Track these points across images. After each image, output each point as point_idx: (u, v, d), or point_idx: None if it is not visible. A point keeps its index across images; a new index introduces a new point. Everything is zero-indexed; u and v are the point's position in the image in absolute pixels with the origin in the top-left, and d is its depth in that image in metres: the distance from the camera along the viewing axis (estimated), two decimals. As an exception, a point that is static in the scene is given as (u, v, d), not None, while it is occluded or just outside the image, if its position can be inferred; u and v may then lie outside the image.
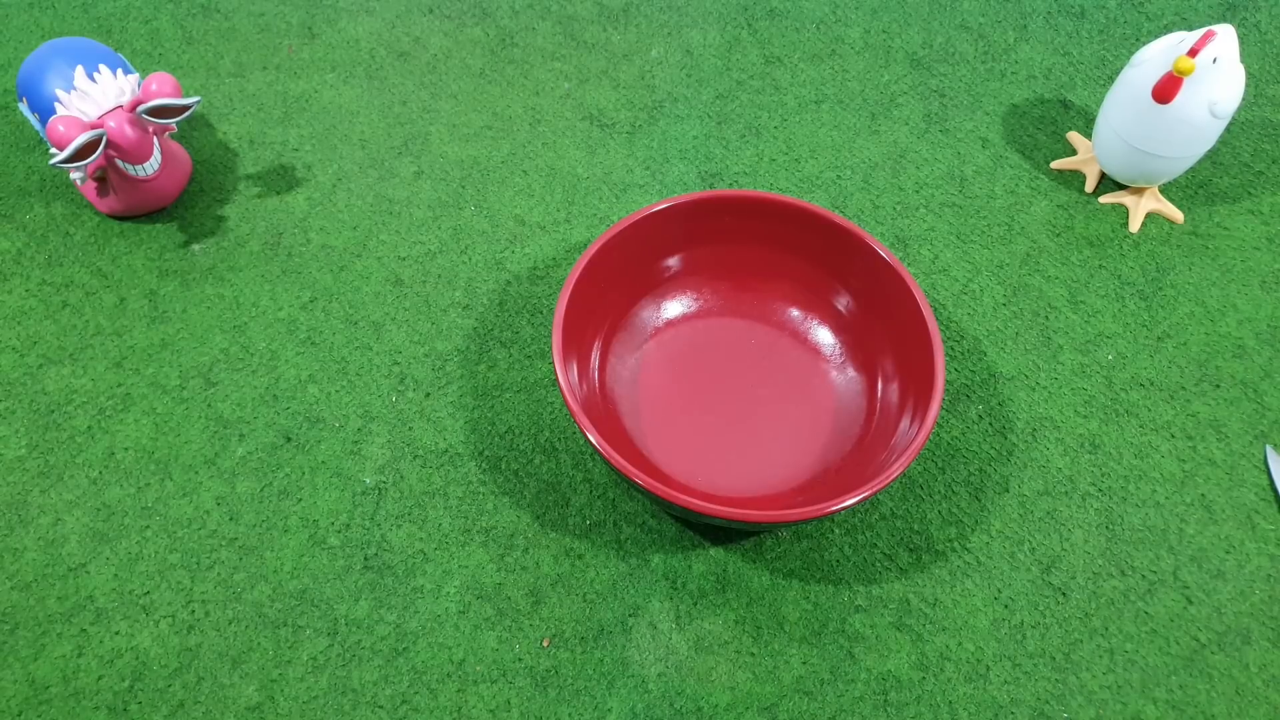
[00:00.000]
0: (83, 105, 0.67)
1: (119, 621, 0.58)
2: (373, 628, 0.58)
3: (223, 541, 0.61)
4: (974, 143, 0.83)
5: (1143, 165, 0.74)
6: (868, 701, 0.56)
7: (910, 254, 0.75)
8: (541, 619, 0.59)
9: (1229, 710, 0.57)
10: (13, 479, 0.63)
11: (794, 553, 0.61)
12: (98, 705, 0.55)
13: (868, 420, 0.64)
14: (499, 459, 0.65)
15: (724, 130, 0.83)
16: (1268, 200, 0.79)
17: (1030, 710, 0.56)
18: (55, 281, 0.72)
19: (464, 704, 0.56)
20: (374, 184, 0.78)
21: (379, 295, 0.72)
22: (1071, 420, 0.67)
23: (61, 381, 0.67)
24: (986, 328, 0.72)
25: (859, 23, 0.91)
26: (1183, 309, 0.73)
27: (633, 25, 0.90)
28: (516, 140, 0.82)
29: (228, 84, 0.84)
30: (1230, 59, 0.68)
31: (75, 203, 0.76)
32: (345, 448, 0.65)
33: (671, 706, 0.56)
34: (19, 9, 0.88)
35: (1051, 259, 0.75)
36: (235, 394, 0.67)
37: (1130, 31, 0.90)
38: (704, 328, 0.69)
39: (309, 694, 0.56)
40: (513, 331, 0.71)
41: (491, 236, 0.76)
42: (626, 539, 0.62)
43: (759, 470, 0.63)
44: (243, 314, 0.71)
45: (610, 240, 0.64)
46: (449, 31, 0.89)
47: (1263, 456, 0.66)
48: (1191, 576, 0.61)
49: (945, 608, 0.60)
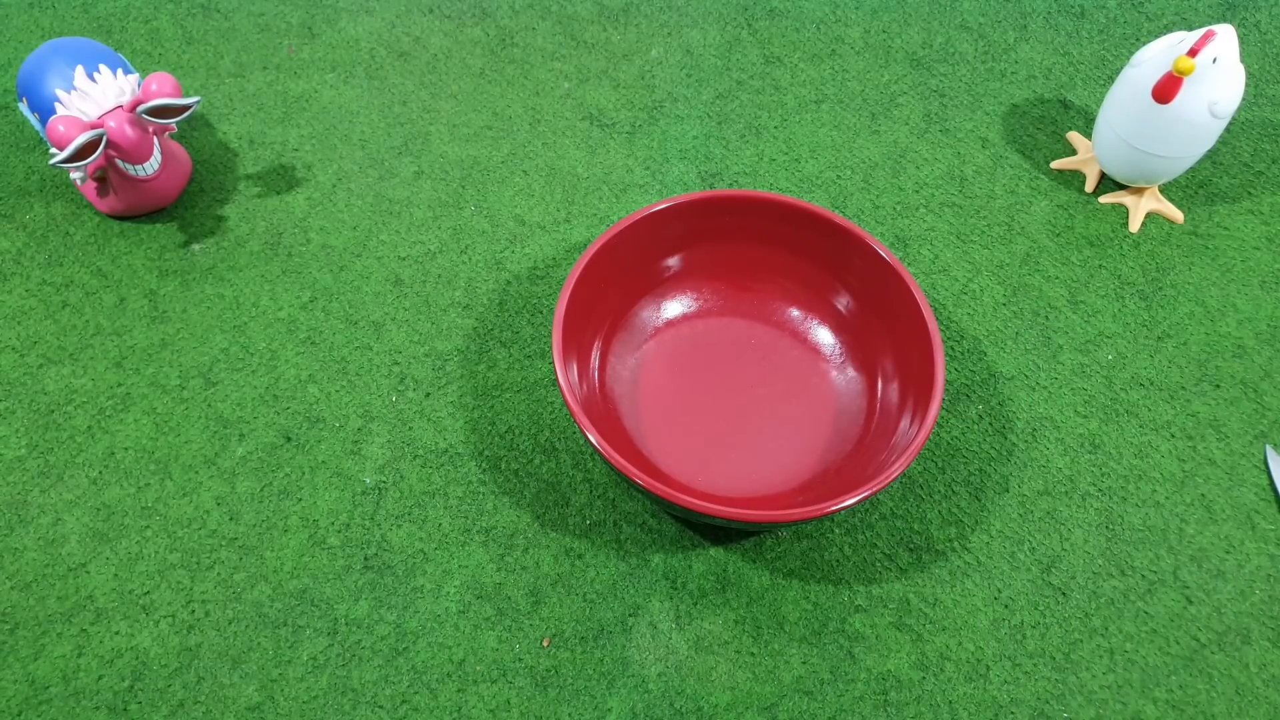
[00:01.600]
0: (83, 105, 0.67)
1: (119, 621, 0.58)
2: (373, 627, 0.58)
3: (223, 541, 0.61)
4: (974, 143, 0.83)
5: (1143, 165, 0.74)
6: (868, 701, 0.56)
7: (910, 254, 0.75)
8: (541, 619, 0.59)
9: (1229, 710, 0.57)
10: (13, 479, 0.63)
11: (794, 553, 0.61)
12: (98, 705, 0.55)
13: (868, 420, 0.64)
14: (499, 459, 0.65)
15: (724, 130, 0.83)
16: (1268, 200, 0.79)
17: (1030, 710, 0.56)
18: (55, 281, 0.72)
19: (464, 704, 0.56)
20: (374, 184, 0.78)
21: (379, 295, 0.72)
22: (1071, 420, 0.67)
23: (61, 381, 0.67)
24: (986, 328, 0.72)
25: (859, 23, 0.91)
26: (1183, 309, 0.73)
27: (633, 25, 0.90)
28: (516, 140, 0.82)
29: (228, 84, 0.84)
30: (1230, 59, 0.68)
31: (75, 203, 0.76)
32: (345, 448, 0.65)
33: (671, 706, 0.56)
34: (19, 9, 0.88)
35: (1051, 259, 0.75)
36: (235, 394, 0.67)
37: (1130, 31, 0.90)
38: (704, 328, 0.69)
39: (309, 694, 0.56)
40: (513, 331, 0.71)
41: (491, 236, 0.76)
42: (626, 539, 0.62)
43: (759, 470, 0.63)
44: (243, 314, 0.71)
45: (610, 240, 0.64)
46: (449, 31, 0.89)
47: (1263, 456, 0.66)
48: (1191, 576, 0.61)
49: (945, 608, 0.60)
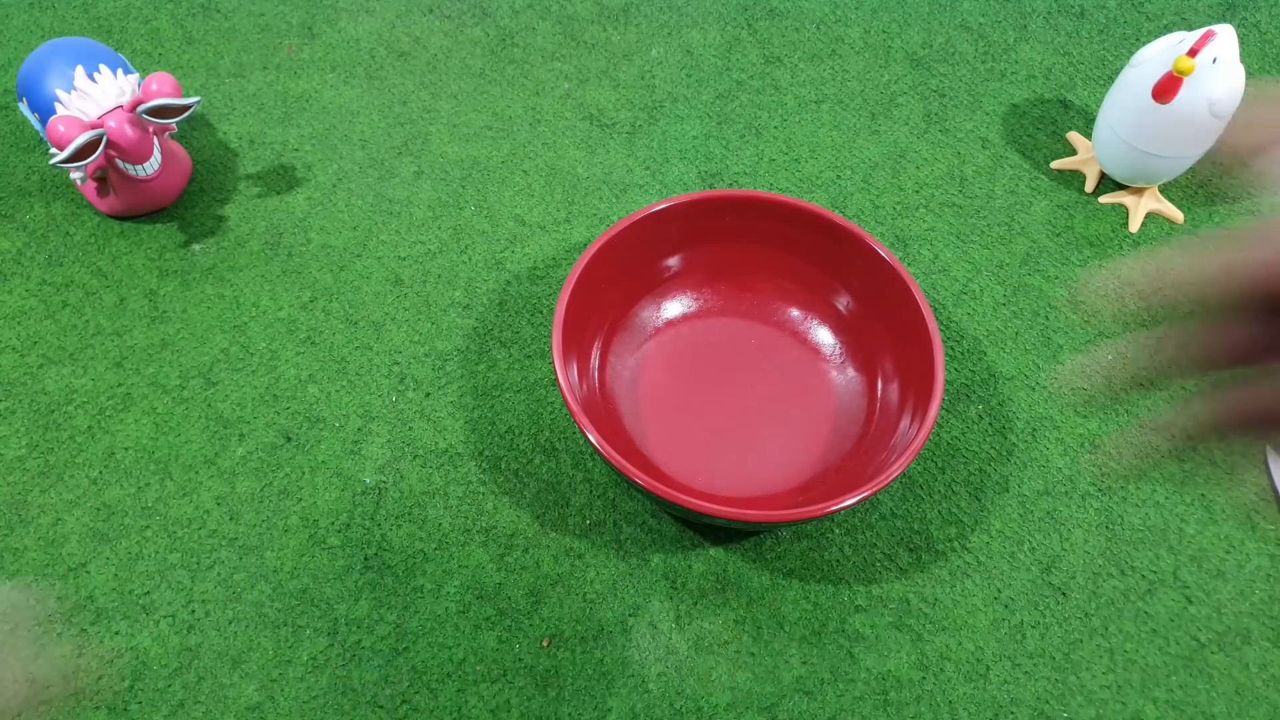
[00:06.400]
0: (83, 105, 0.67)
1: (119, 621, 0.58)
2: (373, 628, 0.58)
3: (223, 541, 0.61)
4: (974, 143, 0.83)
5: (1143, 165, 0.74)
6: (868, 701, 0.56)
7: (910, 254, 0.75)
8: (541, 619, 0.59)
9: (1229, 710, 0.56)
10: (13, 479, 0.63)
11: (794, 553, 0.61)
12: (98, 705, 0.55)
13: (868, 420, 0.64)
14: (499, 459, 0.65)
15: (724, 130, 0.83)
16: (1268, 200, 0.79)
17: (1030, 710, 0.56)
18: (55, 281, 0.72)
19: (464, 704, 0.56)
20: (374, 184, 0.78)
21: (379, 295, 0.72)
22: (1071, 420, 0.67)
23: (61, 381, 0.67)
24: (986, 328, 0.71)
25: (859, 23, 0.91)
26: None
27: (633, 25, 0.90)
28: (516, 140, 0.82)
29: (228, 84, 0.84)
30: (1230, 59, 0.68)
31: (75, 203, 0.76)
32: (345, 448, 0.65)
33: (671, 706, 0.56)
34: (19, 9, 0.88)
35: (1051, 259, 0.75)
36: (235, 394, 0.67)
37: (1130, 31, 0.90)
38: (704, 328, 0.69)
39: (309, 694, 0.56)
40: (513, 331, 0.71)
41: (491, 236, 0.76)
42: (626, 539, 0.62)
43: (759, 470, 0.63)
44: (243, 314, 0.71)
45: (610, 240, 0.64)
46: (449, 31, 0.89)
47: (1263, 456, 0.66)
48: (1191, 576, 0.61)
49: (945, 608, 0.60)
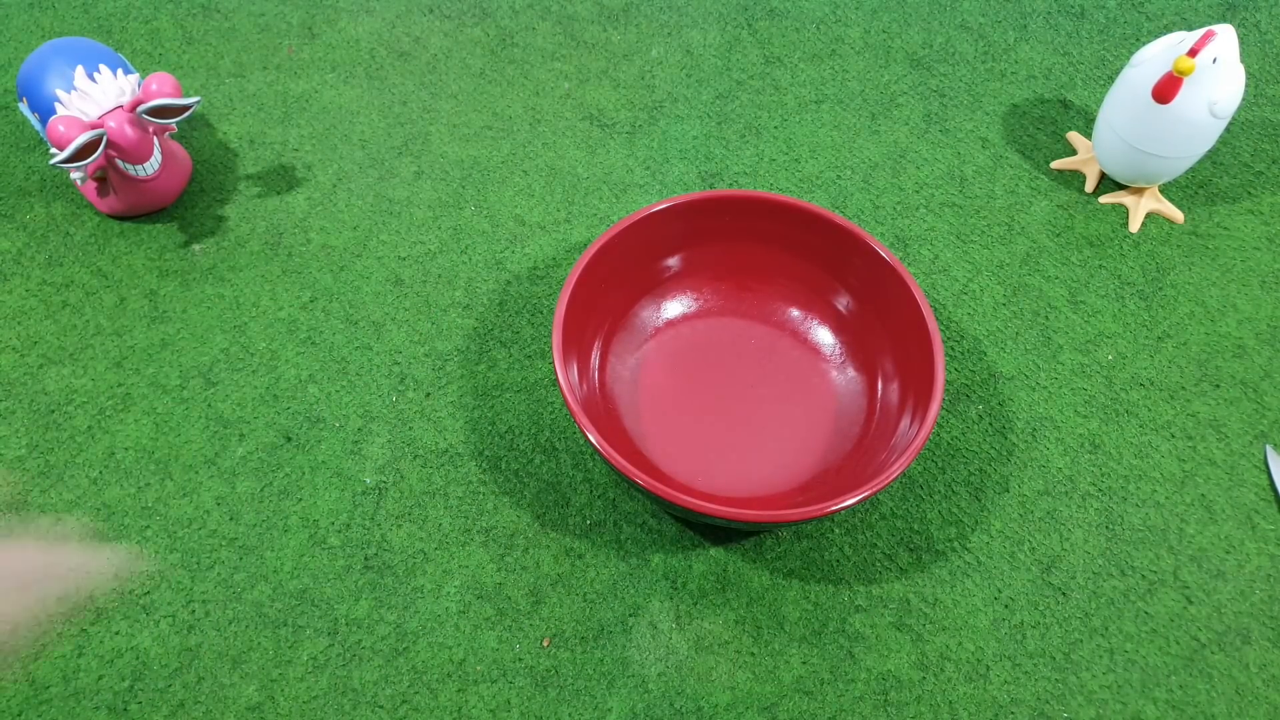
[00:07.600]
0: (83, 105, 0.67)
1: (119, 621, 0.58)
2: (373, 628, 0.58)
3: (223, 541, 0.61)
4: (974, 143, 0.83)
5: (1143, 165, 0.74)
6: (868, 701, 0.56)
7: (910, 254, 0.75)
8: (541, 619, 0.59)
9: (1229, 710, 0.57)
10: (13, 479, 0.63)
11: (794, 553, 0.61)
12: (98, 705, 0.55)
13: (868, 420, 0.64)
14: (499, 459, 0.65)
15: (724, 130, 0.83)
16: (1268, 200, 0.79)
17: (1030, 710, 0.56)
18: (55, 281, 0.72)
19: (464, 704, 0.56)
20: (374, 184, 0.78)
21: (379, 295, 0.72)
22: (1071, 420, 0.67)
23: (61, 381, 0.67)
24: (986, 328, 0.71)
25: (859, 23, 0.91)
26: (1183, 309, 0.73)
27: (633, 25, 0.90)
28: (516, 140, 0.82)
29: (228, 84, 0.84)
30: (1230, 59, 0.68)
31: (75, 203, 0.76)
32: (345, 448, 0.65)
33: (671, 706, 0.56)
34: (19, 9, 0.88)
35: (1051, 259, 0.75)
36: (235, 394, 0.67)
37: (1130, 31, 0.90)
38: (704, 328, 0.69)
39: (309, 694, 0.56)
40: (513, 331, 0.71)
41: (491, 236, 0.76)
42: (626, 539, 0.62)
43: (759, 470, 0.63)
44: (243, 314, 0.71)
45: (610, 240, 0.64)
46: (449, 31, 0.89)
47: (1263, 456, 0.66)
48: (1191, 576, 0.61)
49: (945, 608, 0.60)
